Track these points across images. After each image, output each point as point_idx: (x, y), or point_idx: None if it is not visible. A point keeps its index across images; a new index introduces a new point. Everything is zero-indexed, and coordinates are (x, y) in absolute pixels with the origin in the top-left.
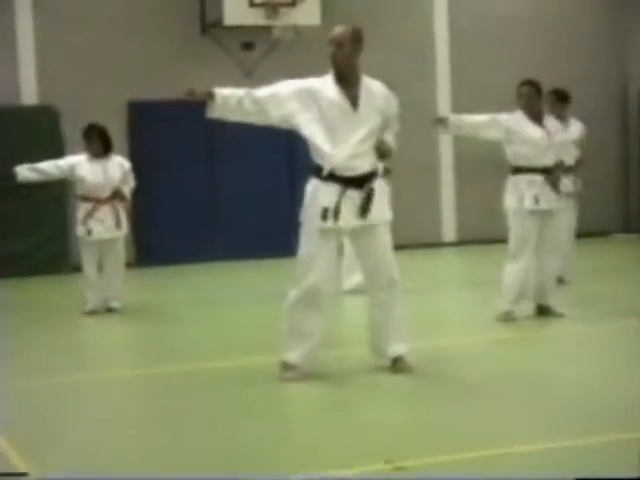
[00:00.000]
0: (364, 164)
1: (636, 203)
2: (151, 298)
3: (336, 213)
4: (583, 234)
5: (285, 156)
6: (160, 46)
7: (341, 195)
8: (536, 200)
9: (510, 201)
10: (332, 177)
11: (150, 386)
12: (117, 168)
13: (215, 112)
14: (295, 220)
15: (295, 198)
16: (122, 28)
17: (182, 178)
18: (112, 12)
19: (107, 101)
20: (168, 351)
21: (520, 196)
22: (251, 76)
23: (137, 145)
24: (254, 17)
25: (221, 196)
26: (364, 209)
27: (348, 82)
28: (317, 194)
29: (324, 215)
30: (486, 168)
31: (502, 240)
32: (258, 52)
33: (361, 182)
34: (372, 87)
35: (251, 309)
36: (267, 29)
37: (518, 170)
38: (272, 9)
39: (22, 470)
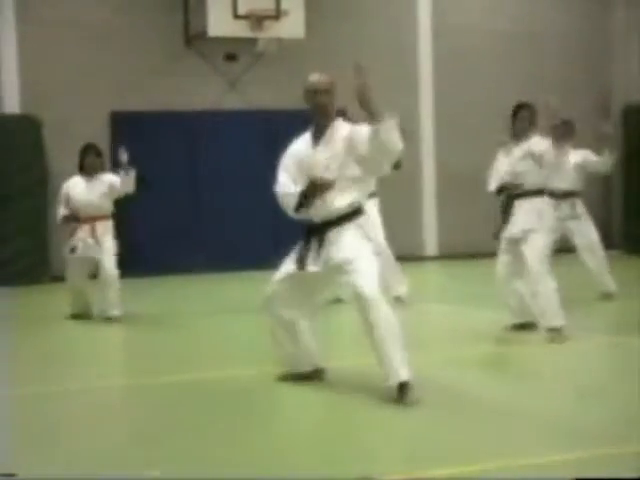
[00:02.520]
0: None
1: (619, 218)
2: (133, 308)
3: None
4: (565, 250)
5: (267, 169)
6: (144, 57)
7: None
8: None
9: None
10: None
11: (135, 395)
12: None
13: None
14: (276, 233)
15: (277, 210)
16: (105, 39)
17: (164, 189)
18: (96, 23)
19: (90, 111)
20: (157, 360)
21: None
22: (235, 88)
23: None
24: (238, 29)
25: (203, 208)
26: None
27: (321, 129)
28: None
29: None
30: (468, 182)
31: (483, 254)
32: (242, 64)
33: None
34: (340, 128)
35: (228, 320)
36: (251, 41)
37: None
38: (256, 21)
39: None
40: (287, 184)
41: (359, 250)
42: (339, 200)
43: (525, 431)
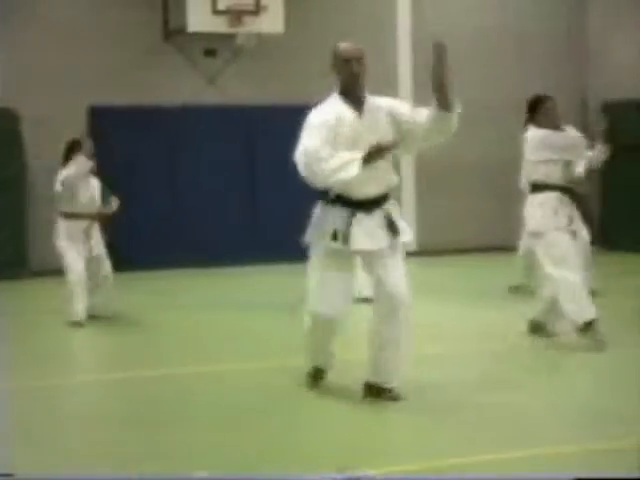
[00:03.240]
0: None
1: (596, 216)
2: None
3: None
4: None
5: (245, 162)
6: (123, 51)
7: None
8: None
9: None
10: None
11: (119, 390)
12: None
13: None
14: (255, 228)
15: (255, 205)
16: (84, 32)
17: (144, 184)
18: (75, 16)
19: (68, 105)
20: (139, 356)
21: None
22: (214, 83)
23: (98, 150)
24: (217, 24)
25: (181, 203)
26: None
27: (356, 99)
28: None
29: (334, 236)
30: (448, 179)
31: (464, 250)
32: (221, 59)
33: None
34: (377, 101)
35: (213, 316)
36: (230, 36)
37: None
38: (235, 17)
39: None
40: (323, 150)
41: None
42: (390, 175)
43: (498, 427)
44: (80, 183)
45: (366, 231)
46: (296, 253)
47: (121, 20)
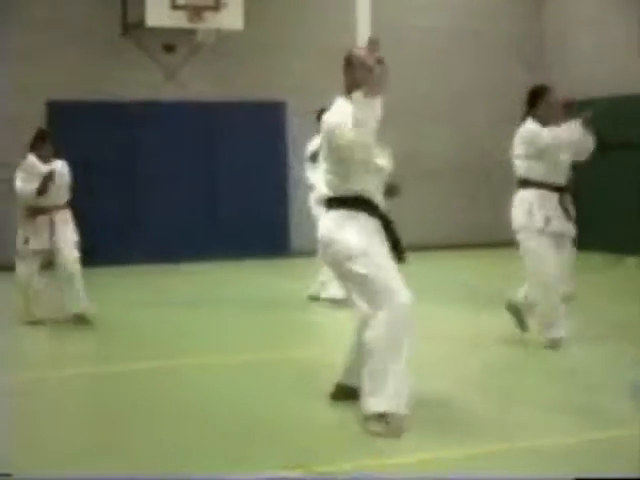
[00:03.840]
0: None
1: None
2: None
3: None
4: (497, 244)
5: (205, 158)
6: (80, 46)
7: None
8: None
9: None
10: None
11: (84, 387)
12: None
13: None
14: (214, 224)
15: (215, 201)
16: (41, 26)
17: (103, 179)
18: (33, 12)
19: (26, 100)
20: (88, 353)
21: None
22: (173, 79)
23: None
24: (176, 19)
25: (140, 198)
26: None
27: None
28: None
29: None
30: (409, 176)
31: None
32: (180, 55)
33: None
34: None
35: (167, 312)
36: (190, 32)
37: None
38: (195, 12)
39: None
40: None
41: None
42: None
43: (458, 426)
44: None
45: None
46: (255, 248)
47: (79, 14)
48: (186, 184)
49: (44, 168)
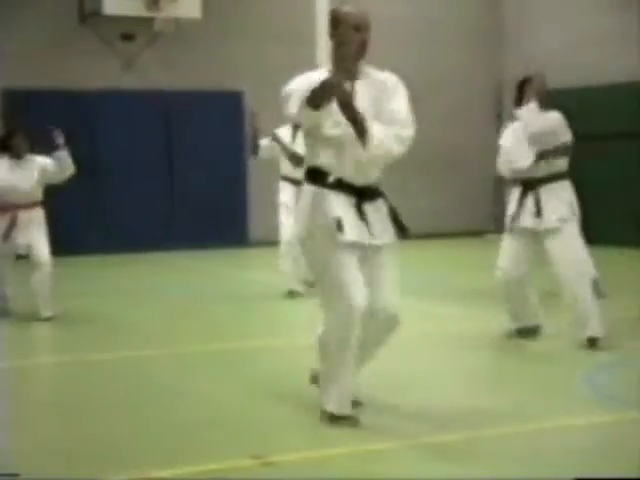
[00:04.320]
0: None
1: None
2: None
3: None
4: (458, 234)
5: (163, 146)
6: (37, 33)
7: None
8: None
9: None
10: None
11: (44, 376)
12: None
13: None
14: (172, 213)
15: (173, 190)
16: None
17: None
18: None
19: None
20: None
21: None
22: (131, 68)
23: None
24: (134, 8)
25: (99, 188)
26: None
27: (352, 74)
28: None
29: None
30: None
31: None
32: (138, 44)
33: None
34: (373, 76)
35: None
36: (148, 21)
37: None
38: (153, 1)
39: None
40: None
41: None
42: (375, 163)
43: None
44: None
45: (365, 223)
46: (214, 238)
47: (35, 1)
48: (144, 173)
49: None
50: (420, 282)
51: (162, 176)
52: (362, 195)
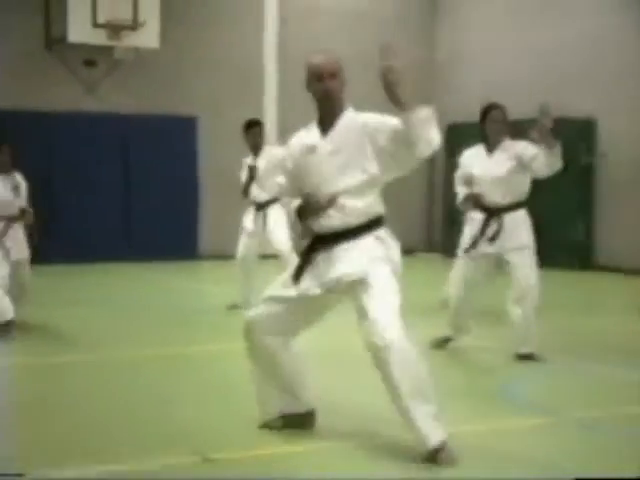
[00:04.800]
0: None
1: (439, 224)
2: None
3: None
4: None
5: (120, 167)
6: (4, 56)
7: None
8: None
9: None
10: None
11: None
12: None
13: None
14: (130, 226)
15: (131, 205)
16: None
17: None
18: None
19: None
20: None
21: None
22: (93, 93)
23: None
24: (97, 37)
25: (58, 206)
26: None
27: (329, 120)
28: None
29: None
30: None
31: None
32: (100, 70)
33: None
34: (354, 117)
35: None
36: (109, 49)
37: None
38: (114, 31)
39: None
40: (284, 194)
41: (372, 267)
42: (352, 205)
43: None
44: None
45: (317, 271)
46: (166, 251)
47: (3, 25)
48: (102, 190)
49: None
50: None
51: (119, 193)
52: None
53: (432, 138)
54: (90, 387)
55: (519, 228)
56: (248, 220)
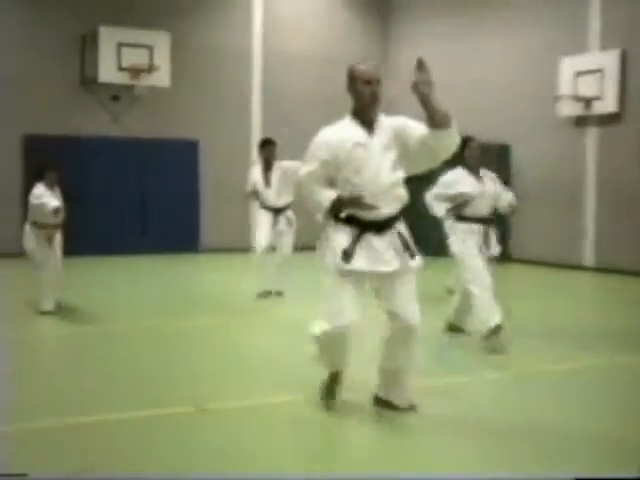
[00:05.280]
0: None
1: None
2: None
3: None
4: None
5: (139, 180)
6: (50, 93)
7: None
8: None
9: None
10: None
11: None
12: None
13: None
14: (145, 226)
15: (146, 210)
16: (21, 77)
17: (65, 194)
18: (16, 68)
19: (5, 134)
20: None
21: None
22: (117, 121)
23: (28, 170)
24: (121, 78)
25: (92, 204)
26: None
27: (369, 120)
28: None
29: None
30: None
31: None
32: (123, 104)
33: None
34: (388, 121)
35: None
36: (131, 87)
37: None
38: (134, 73)
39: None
40: (310, 182)
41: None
42: (403, 194)
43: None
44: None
45: (373, 252)
46: (175, 245)
47: (48, 67)
48: (123, 199)
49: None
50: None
51: (138, 198)
52: (369, 227)
53: (452, 146)
54: (108, 350)
55: (494, 237)
56: (264, 219)
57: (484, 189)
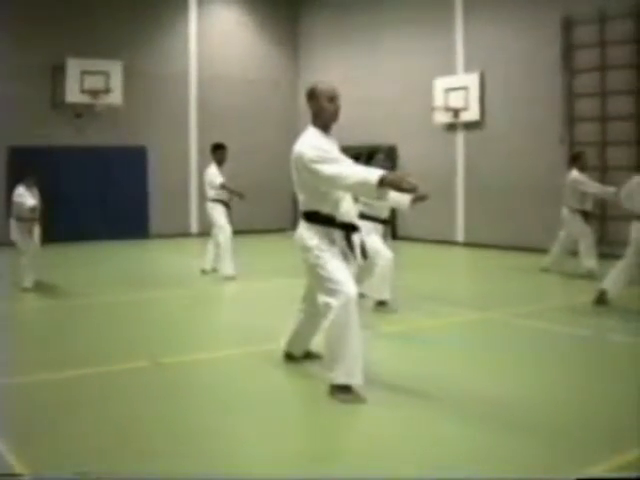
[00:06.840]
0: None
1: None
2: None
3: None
4: (264, 231)
5: (101, 181)
6: (28, 112)
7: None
8: None
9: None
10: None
11: None
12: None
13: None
14: (105, 214)
15: (106, 204)
16: (7, 100)
17: (42, 194)
18: (1, 91)
19: None
20: None
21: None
22: (81, 134)
23: (12, 175)
24: (84, 98)
25: (63, 198)
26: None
27: (328, 133)
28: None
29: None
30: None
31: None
32: (86, 119)
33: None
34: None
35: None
36: (91, 106)
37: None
38: (94, 94)
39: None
40: (342, 174)
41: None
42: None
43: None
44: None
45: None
46: (126, 232)
47: (25, 91)
48: (89, 197)
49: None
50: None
51: (99, 195)
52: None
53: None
54: (77, 319)
55: None
56: (222, 210)
57: None
